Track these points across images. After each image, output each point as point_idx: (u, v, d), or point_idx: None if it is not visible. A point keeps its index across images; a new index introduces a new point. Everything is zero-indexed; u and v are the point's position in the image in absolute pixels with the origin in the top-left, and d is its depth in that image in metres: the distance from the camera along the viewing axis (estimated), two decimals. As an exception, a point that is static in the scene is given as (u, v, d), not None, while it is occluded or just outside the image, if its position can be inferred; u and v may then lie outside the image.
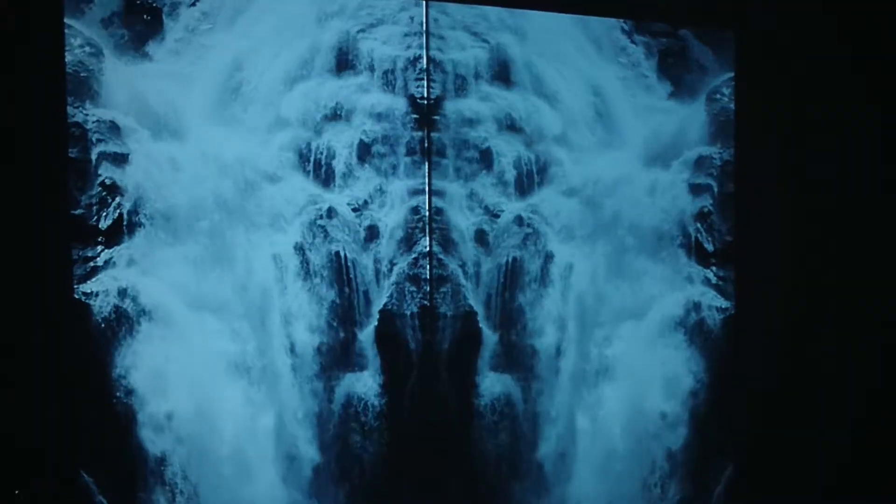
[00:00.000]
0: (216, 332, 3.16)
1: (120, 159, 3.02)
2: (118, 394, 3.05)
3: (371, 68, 3.31)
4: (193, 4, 3.09)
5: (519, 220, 3.50)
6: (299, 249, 3.26)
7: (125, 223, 3.04)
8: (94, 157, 2.99)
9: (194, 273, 3.13)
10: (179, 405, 3.12)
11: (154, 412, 3.09)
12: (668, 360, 3.73)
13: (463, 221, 3.43)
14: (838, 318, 3.92)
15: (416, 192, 3.37)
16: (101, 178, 3.01)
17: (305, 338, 3.28)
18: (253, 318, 3.21)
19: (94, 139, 2.99)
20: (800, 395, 3.91)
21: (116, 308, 3.04)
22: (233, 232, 3.17)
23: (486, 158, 3.45)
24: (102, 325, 3.02)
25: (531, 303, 3.53)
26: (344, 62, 3.28)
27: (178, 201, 3.10)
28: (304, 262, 3.27)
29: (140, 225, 3.05)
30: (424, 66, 3.35)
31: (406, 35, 3.33)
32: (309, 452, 3.30)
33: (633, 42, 3.63)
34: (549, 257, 3.55)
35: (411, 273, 3.37)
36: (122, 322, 3.05)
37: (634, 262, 3.66)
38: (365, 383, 3.34)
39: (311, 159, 3.26)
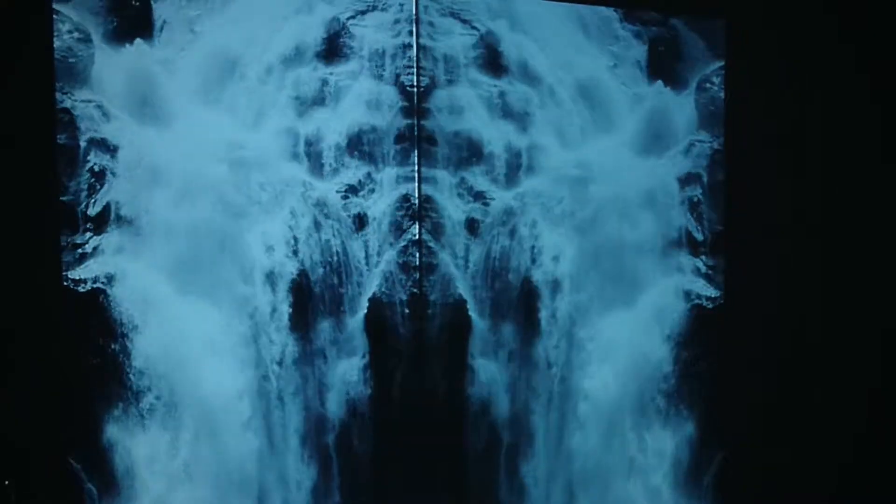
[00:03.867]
0: (205, 319, 3.16)
1: (109, 145, 3.02)
2: (107, 381, 3.05)
3: (361, 55, 3.30)
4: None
5: (509, 208, 3.50)
6: (288, 236, 3.25)
7: (114, 210, 3.03)
8: (82, 143, 2.99)
9: (184, 260, 3.12)
10: (168, 391, 3.12)
11: (144, 398, 3.09)
12: (657, 348, 3.74)
13: (453, 209, 3.42)
14: (828, 307, 3.93)
15: (406, 179, 3.37)
16: (89, 165, 3.00)
17: (294, 325, 3.27)
18: (241, 305, 3.21)
19: (82, 125, 2.98)
20: (788, 384, 3.92)
21: (106, 295, 3.03)
22: (222, 218, 3.17)
23: (476, 146, 3.44)
24: (91, 312, 3.02)
25: (521, 291, 3.53)
26: (334, 49, 3.27)
27: (168, 187, 3.09)
28: (293, 249, 3.26)
29: (128, 211, 3.04)
30: (414, 54, 3.35)
31: (396, 22, 3.32)
32: (295, 440, 3.30)
33: (623, 30, 3.62)
34: (538, 245, 3.55)
35: (401, 261, 3.37)
36: (112, 309, 3.04)
37: (624, 250, 3.66)
38: (354, 370, 3.34)
39: (301, 146, 3.25)
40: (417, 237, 3.38)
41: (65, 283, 2.98)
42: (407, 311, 3.38)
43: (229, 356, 3.20)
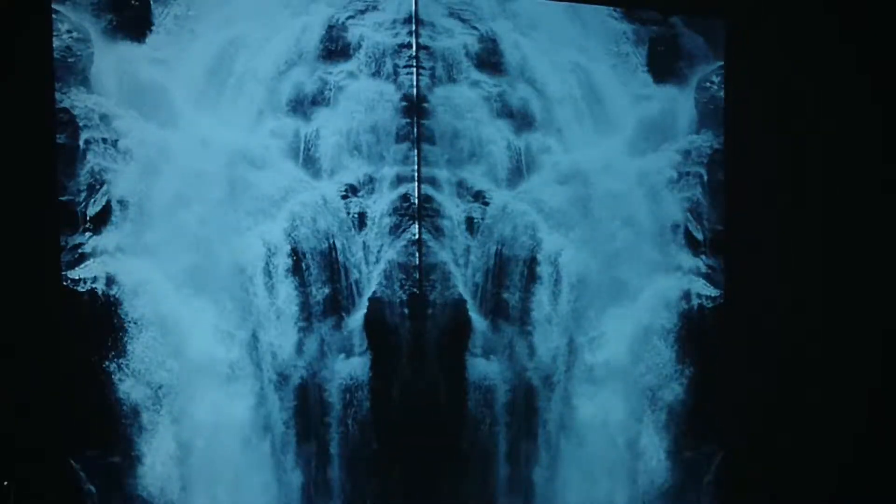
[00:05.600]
0: (205, 319, 3.16)
1: (108, 145, 3.02)
2: (107, 381, 3.05)
3: (361, 55, 3.30)
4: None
5: (509, 208, 3.49)
6: (288, 236, 3.25)
7: (113, 209, 3.03)
8: (81, 143, 2.99)
9: (183, 259, 3.12)
10: (168, 391, 3.12)
11: (143, 399, 3.09)
12: (657, 348, 3.73)
13: (452, 209, 3.42)
14: (828, 306, 3.93)
15: (406, 179, 3.36)
16: (88, 165, 3.00)
17: (294, 325, 3.27)
18: (241, 305, 3.20)
19: (81, 125, 2.98)
20: (788, 384, 3.91)
21: (105, 294, 3.03)
22: (222, 218, 3.17)
23: (475, 146, 3.44)
24: (91, 312, 3.02)
25: (521, 290, 3.53)
26: (333, 49, 3.27)
27: (167, 187, 3.09)
28: (293, 249, 3.26)
29: (128, 211, 3.05)
30: (414, 53, 3.34)
31: (395, 22, 3.32)
32: (297, 439, 3.30)
33: (623, 29, 3.62)
34: (538, 245, 3.54)
35: (400, 260, 3.37)
36: (111, 308, 3.04)
37: (624, 249, 3.66)
38: (354, 370, 3.34)
39: (300, 146, 3.25)
40: (417, 237, 3.38)
41: (64, 283, 2.98)
42: (407, 310, 3.38)
43: (229, 354, 3.20)
